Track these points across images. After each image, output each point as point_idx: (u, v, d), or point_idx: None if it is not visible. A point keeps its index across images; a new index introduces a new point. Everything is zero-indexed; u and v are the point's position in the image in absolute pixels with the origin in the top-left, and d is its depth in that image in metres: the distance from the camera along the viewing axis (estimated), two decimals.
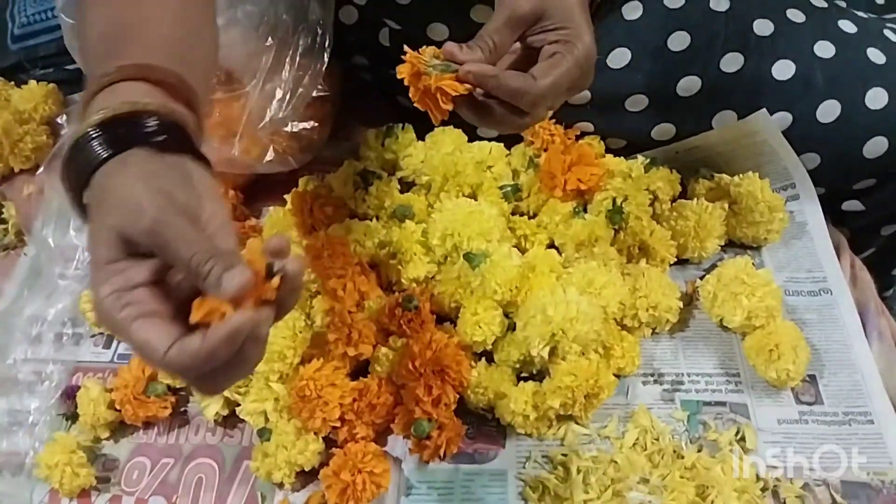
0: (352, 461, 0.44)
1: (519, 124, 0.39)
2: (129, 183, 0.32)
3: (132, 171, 0.32)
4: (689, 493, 0.40)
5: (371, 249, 0.52)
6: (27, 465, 0.48)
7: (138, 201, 0.31)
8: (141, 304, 0.31)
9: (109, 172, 0.32)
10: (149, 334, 0.30)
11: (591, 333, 0.45)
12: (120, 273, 0.31)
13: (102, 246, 0.31)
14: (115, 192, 0.32)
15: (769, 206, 0.52)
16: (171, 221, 0.31)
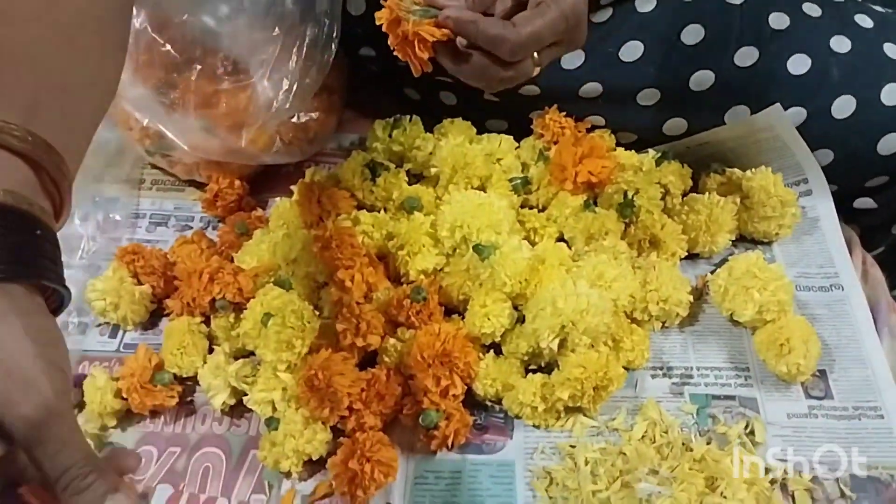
0: (360, 450, 0.44)
1: (501, 77, 0.38)
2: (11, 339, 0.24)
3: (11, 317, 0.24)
4: (699, 485, 0.40)
5: (379, 241, 0.51)
6: None
7: (29, 375, 0.24)
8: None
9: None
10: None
11: (601, 326, 0.45)
12: None
13: None
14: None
15: (781, 201, 0.52)
16: (65, 413, 0.25)
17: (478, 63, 0.38)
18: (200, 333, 0.50)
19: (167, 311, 0.53)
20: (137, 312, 0.52)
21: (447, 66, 0.39)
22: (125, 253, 0.53)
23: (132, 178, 0.60)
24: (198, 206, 0.59)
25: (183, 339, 0.49)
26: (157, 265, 0.53)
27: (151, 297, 0.53)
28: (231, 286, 0.49)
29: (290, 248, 0.51)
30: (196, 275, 0.49)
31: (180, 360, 0.49)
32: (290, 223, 0.53)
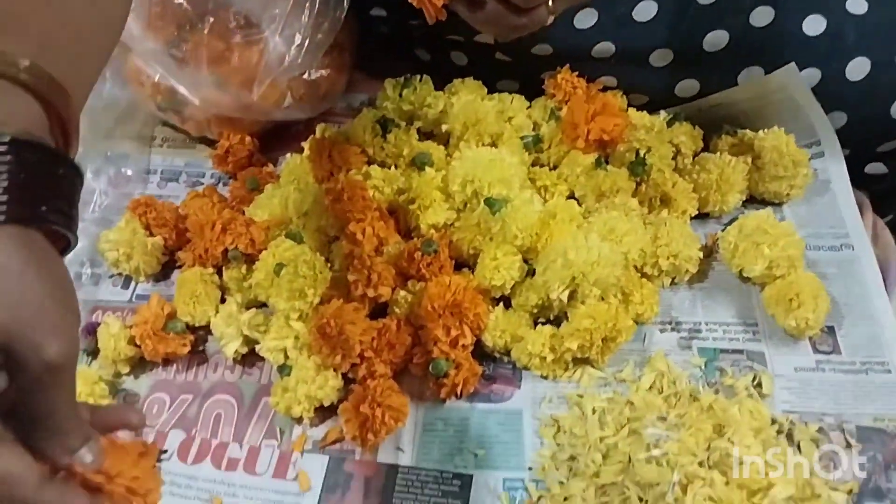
0: (371, 395, 0.45)
1: (515, 25, 0.38)
2: (27, 273, 0.24)
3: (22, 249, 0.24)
4: (706, 430, 0.40)
5: (389, 196, 0.52)
6: None
7: (52, 313, 0.24)
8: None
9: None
10: (9, 461, 0.24)
11: (612, 278, 0.45)
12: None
13: None
14: (4, 277, 0.23)
15: (793, 161, 0.51)
16: (74, 356, 0.25)
17: (492, 10, 0.38)
18: (213, 284, 0.51)
19: (179, 263, 0.54)
20: (149, 264, 0.53)
21: (461, 13, 0.39)
22: (138, 205, 0.53)
23: (143, 135, 0.60)
24: (209, 163, 0.59)
25: (195, 288, 0.50)
26: (169, 217, 0.53)
27: (163, 250, 0.54)
28: (243, 237, 0.49)
29: (302, 202, 0.51)
30: (209, 226, 0.50)
31: (193, 309, 0.50)
32: (301, 178, 0.53)
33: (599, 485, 0.41)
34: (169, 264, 0.55)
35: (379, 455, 0.46)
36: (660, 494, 0.39)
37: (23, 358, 0.24)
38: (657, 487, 0.39)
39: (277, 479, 0.46)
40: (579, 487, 0.42)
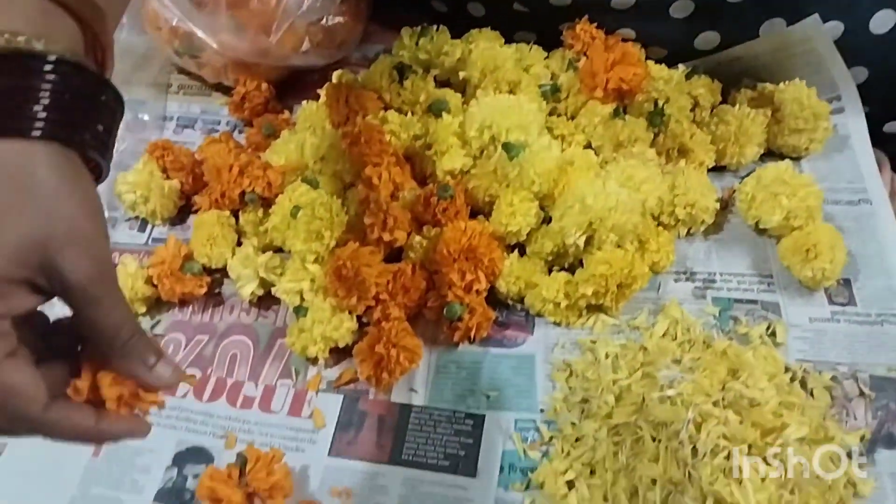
0: (386, 336, 0.45)
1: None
2: (63, 190, 0.24)
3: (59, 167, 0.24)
4: (721, 373, 0.40)
5: (406, 141, 0.52)
6: None
7: (87, 230, 0.24)
8: (8, 339, 0.24)
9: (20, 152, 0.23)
10: (23, 379, 0.24)
11: (629, 224, 0.45)
12: (2, 297, 0.24)
13: (4, 253, 0.23)
14: (42, 191, 0.24)
15: (814, 113, 0.51)
16: (115, 277, 0.26)
17: None
18: (230, 226, 0.51)
19: (195, 207, 0.54)
20: (166, 207, 0.53)
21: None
22: (155, 148, 0.53)
23: (159, 82, 0.60)
24: (224, 111, 0.59)
25: (212, 230, 0.50)
26: (186, 162, 0.53)
27: (179, 194, 0.54)
28: (261, 180, 0.50)
29: (318, 147, 0.51)
30: (226, 168, 0.50)
31: (210, 250, 0.50)
32: (318, 124, 0.53)
33: (612, 425, 0.42)
34: (185, 209, 0.55)
35: (392, 395, 0.47)
36: (673, 433, 0.39)
37: (61, 273, 0.24)
38: (671, 427, 0.39)
39: (292, 417, 0.47)
40: (591, 428, 0.42)
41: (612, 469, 0.41)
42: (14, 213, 0.23)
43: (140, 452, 0.46)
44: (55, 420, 0.24)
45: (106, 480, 0.45)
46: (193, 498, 0.44)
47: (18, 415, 0.24)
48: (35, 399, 0.24)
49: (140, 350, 0.26)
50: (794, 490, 0.38)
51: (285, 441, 0.45)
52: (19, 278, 0.24)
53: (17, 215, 0.23)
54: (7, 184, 0.24)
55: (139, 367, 0.26)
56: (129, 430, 0.26)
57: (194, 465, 0.46)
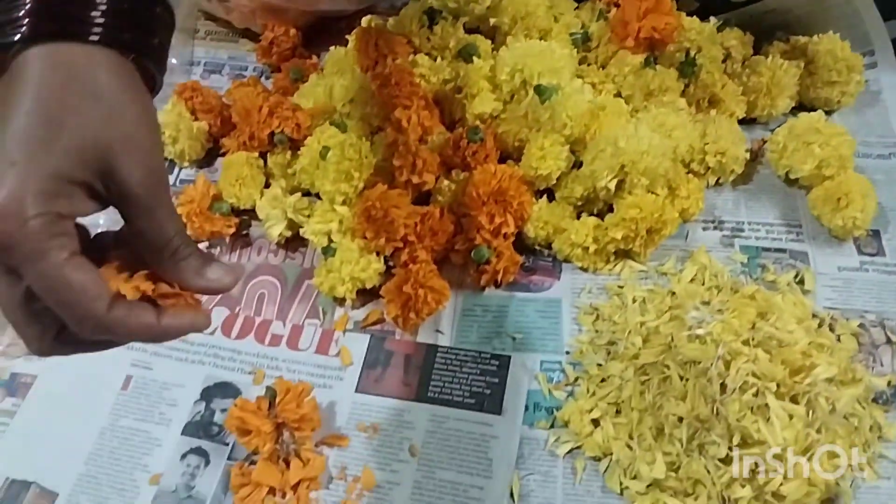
0: (413, 277, 0.45)
1: None
2: (125, 97, 0.24)
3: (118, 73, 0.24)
4: (750, 315, 0.40)
5: (436, 85, 0.51)
6: None
7: (146, 137, 0.24)
8: (72, 239, 0.24)
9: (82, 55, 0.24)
10: (89, 277, 0.24)
11: (661, 169, 0.45)
12: (65, 197, 0.23)
13: (68, 152, 0.23)
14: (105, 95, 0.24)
15: (848, 66, 0.51)
16: (167, 182, 0.26)
17: None
18: (258, 168, 0.51)
19: (223, 150, 0.54)
20: (194, 148, 0.53)
21: None
22: (184, 89, 0.53)
23: (186, 27, 0.60)
24: (251, 57, 0.59)
25: (241, 170, 0.50)
26: (215, 104, 0.53)
27: (207, 136, 0.54)
28: (290, 120, 0.50)
29: (347, 90, 0.51)
30: (256, 109, 0.50)
31: (238, 190, 0.50)
32: (346, 68, 0.53)
33: (639, 365, 0.42)
34: (212, 152, 0.55)
35: (419, 336, 0.47)
36: (701, 371, 0.39)
37: (120, 179, 0.24)
38: (699, 365, 0.39)
39: (320, 355, 0.47)
40: (618, 368, 0.43)
41: (638, 408, 0.41)
42: (78, 115, 0.23)
43: (168, 387, 0.47)
44: (120, 318, 0.24)
45: (135, 413, 0.46)
46: (221, 431, 0.45)
47: (85, 314, 0.24)
48: (100, 297, 0.24)
49: (190, 258, 0.26)
50: (821, 429, 0.38)
51: (313, 378, 0.46)
52: (80, 180, 0.24)
53: (80, 117, 0.23)
54: (71, 85, 0.24)
55: (191, 276, 0.26)
56: (190, 322, 0.26)
57: (222, 400, 0.46)
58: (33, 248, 0.22)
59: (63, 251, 0.23)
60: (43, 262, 0.23)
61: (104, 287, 0.24)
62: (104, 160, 0.24)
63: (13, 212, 0.22)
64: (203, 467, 0.44)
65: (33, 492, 0.43)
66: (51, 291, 0.23)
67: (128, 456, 0.44)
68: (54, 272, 0.23)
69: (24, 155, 0.23)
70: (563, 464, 0.41)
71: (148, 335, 0.25)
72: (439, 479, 0.41)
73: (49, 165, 0.23)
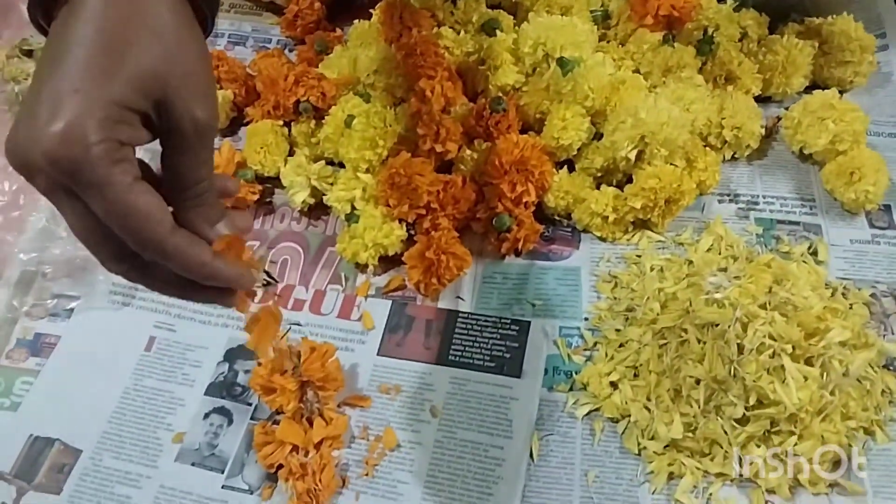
0: (436, 244, 0.46)
1: None
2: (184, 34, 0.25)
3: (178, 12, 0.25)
4: (766, 280, 0.41)
5: (459, 57, 0.52)
6: None
7: (203, 78, 0.25)
8: (134, 167, 0.24)
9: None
10: (153, 201, 0.24)
11: (679, 140, 0.46)
12: (126, 124, 0.24)
13: (129, 81, 0.23)
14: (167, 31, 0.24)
15: (861, 46, 0.52)
16: (216, 124, 0.26)
17: None
18: (283, 136, 0.52)
19: (247, 119, 0.55)
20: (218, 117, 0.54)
21: None
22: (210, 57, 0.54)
23: None
24: (275, 29, 0.60)
25: (266, 138, 0.51)
26: (240, 73, 0.54)
27: (232, 104, 0.55)
28: (315, 89, 0.51)
29: (371, 61, 0.52)
30: (281, 78, 0.51)
31: (263, 158, 0.51)
32: (371, 40, 0.54)
33: (657, 330, 0.43)
34: (236, 121, 0.56)
35: (440, 302, 0.48)
36: (719, 333, 0.40)
37: (176, 115, 0.24)
38: (716, 328, 0.40)
39: (342, 319, 0.48)
40: (636, 333, 0.44)
41: (656, 371, 0.42)
42: (141, 46, 0.24)
43: (192, 348, 0.48)
44: (180, 245, 0.25)
45: (159, 373, 0.47)
46: (244, 391, 0.46)
47: (148, 235, 0.24)
48: (163, 221, 0.24)
49: (211, 206, 0.27)
50: (835, 391, 0.39)
51: (335, 341, 0.47)
52: (140, 109, 0.24)
53: (143, 48, 0.24)
54: (133, 18, 0.24)
55: (203, 223, 0.26)
56: (238, 275, 0.27)
57: (245, 361, 0.47)
58: (98, 173, 0.23)
59: (127, 175, 0.23)
60: (108, 187, 0.23)
61: (167, 211, 0.25)
62: (163, 92, 0.24)
63: (78, 137, 0.22)
64: (226, 426, 0.45)
65: (57, 448, 0.44)
66: (117, 216, 0.24)
67: (151, 415, 0.45)
68: (120, 196, 0.23)
69: (86, 82, 0.23)
70: (581, 425, 0.42)
71: (199, 271, 0.26)
72: (460, 438, 0.42)
73: (111, 93, 0.23)
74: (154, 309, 0.49)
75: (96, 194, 0.23)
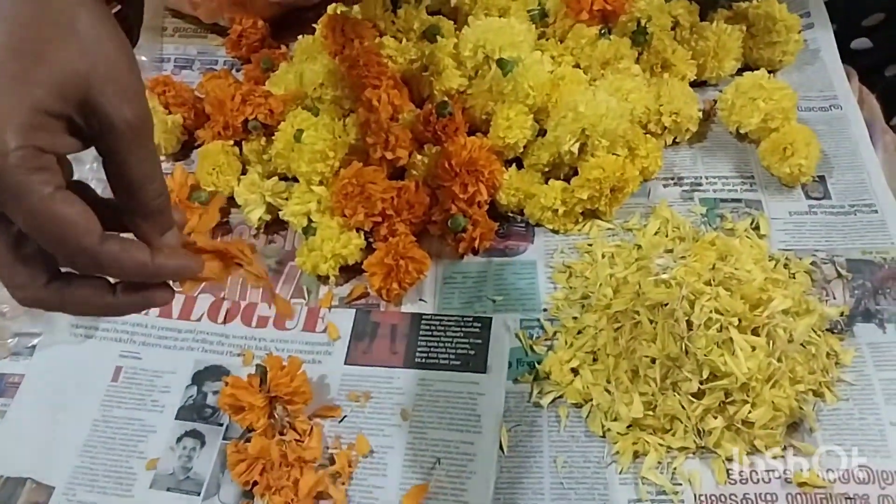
0: (394, 250, 0.47)
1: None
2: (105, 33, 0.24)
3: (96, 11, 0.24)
4: (711, 258, 0.43)
5: (403, 65, 0.53)
6: None
7: (128, 75, 0.24)
8: (56, 175, 0.23)
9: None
10: (77, 210, 0.23)
11: (619, 130, 0.47)
12: (45, 130, 0.23)
13: (46, 84, 0.22)
14: (85, 29, 0.23)
15: (786, 26, 0.54)
16: (151, 122, 0.25)
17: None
18: (234, 155, 0.52)
19: (198, 141, 0.55)
20: (169, 141, 0.54)
21: None
22: (156, 84, 0.54)
23: (154, 25, 0.61)
24: (221, 51, 0.60)
25: (217, 159, 0.51)
26: (188, 97, 0.54)
27: (182, 129, 0.55)
28: (263, 107, 0.51)
29: (317, 75, 0.52)
30: (228, 98, 0.51)
31: (216, 179, 0.51)
32: (315, 54, 0.54)
33: (611, 314, 0.44)
34: (187, 145, 0.56)
35: (403, 306, 0.49)
36: (669, 312, 0.42)
37: (104, 116, 0.23)
38: (666, 307, 0.42)
39: (307, 332, 0.49)
40: (592, 319, 0.45)
41: (613, 354, 0.43)
42: (56, 45, 0.23)
43: (159, 374, 0.48)
44: (114, 252, 0.24)
45: (128, 402, 0.47)
46: (215, 412, 0.46)
47: (77, 246, 0.23)
48: (90, 230, 0.23)
49: (162, 212, 0.25)
50: (782, 358, 0.41)
51: (301, 354, 0.47)
52: (60, 113, 0.23)
53: (59, 48, 0.23)
54: (50, 17, 0.23)
55: (153, 230, 0.25)
56: (183, 265, 0.26)
57: (213, 383, 0.47)
58: (16, 182, 0.22)
59: (47, 185, 0.22)
60: (28, 197, 0.22)
61: (94, 220, 0.23)
62: (84, 93, 0.23)
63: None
64: (199, 448, 0.45)
65: (29, 487, 0.44)
66: (39, 227, 0.22)
67: (122, 445, 0.45)
68: (41, 206, 0.22)
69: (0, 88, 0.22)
70: (547, 413, 0.43)
71: (142, 273, 0.25)
72: (431, 438, 0.43)
73: (26, 98, 0.22)
74: (118, 339, 0.49)
75: (14, 205, 0.22)
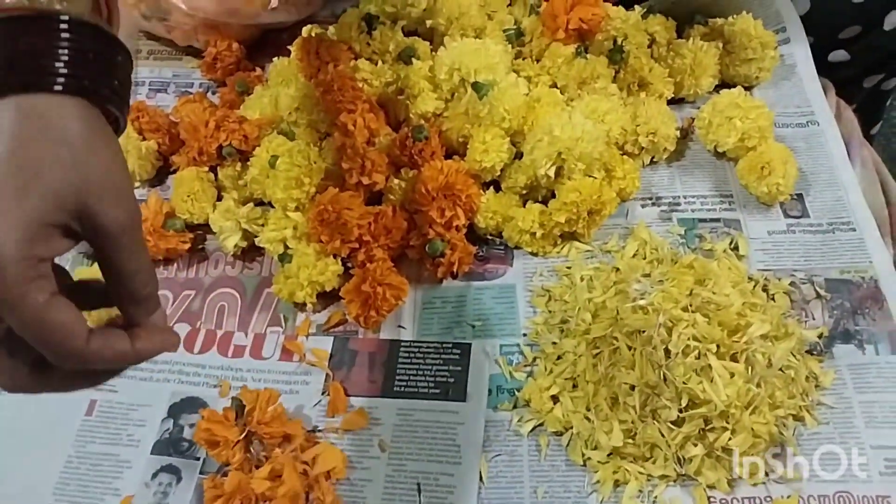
0: (371, 276, 0.46)
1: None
2: (95, 142, 0.25)
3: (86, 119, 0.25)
4: (688, 282, 0.43)
5: (378, 89, 0.53)
6: None
7: (118, 179, 0.26)
8: (50, 281, 0.25)
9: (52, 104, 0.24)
10: (68, 316, 0.24)
11: (595, 153, 0.47)
12: (44, 240, 0.24)
13: (45, 197, 0.24)
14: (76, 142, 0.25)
15: (762, 43, 0.54)
16: (140, 220, 0.27)
17: None
18: (209, 182, 0.52)
19: (173, 167, 0.54)
20: (144, 168, 0.53)
21: None
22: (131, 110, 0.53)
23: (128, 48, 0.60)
24: (196, 73, 0.60)
25: (192, 186, 0.51)
26: (162, 122, 0.54)
27: (157, 154, 0.54)
28: (237, 133, 0.50)
29: (292, 99, 0.52)
30: (202, 124, 0.50)
31: (191, 206, 0.51)
32: (291, 77, 0.54)
33: (590, 340, 0.44)
34: (162, 170, 0.55)
35: (381, 333, 0.48)
36: (647, 339, 0.41)
37: (97, 219, 0.25)
38: (643, 334, 0.42)
39: (284, 362, 0.48)
40: (571, 345, 0.45)
41: (593, 380, 0.43)
42: (53, 162, 0.24)
43: (134, 407, 0.47)
44: (98, 350, 0.25)
45: (103, 437, 0.46)
46: (191, 446, 0.45)
47: (68, 350, 0.24)
48: (79, 334, 0.25)
49: (152, 303, 0.27)
50: (761, 383, 0.41)
51: (279, 385, 0.47)
52: (58, 222, 0.25)
53: (55, 164, 0.24)
54: (44, 134, 0.25)
55: (140, 313, 0.27)
56: (161, 343, 0.28)
57: (189, 415, 0.47)
58: (14, 294, 0.23)
59: (42, 293, 0.24)
60: (24, 307, 0.23)
61: (84, 324, 0.25)
62: (80, 202, 0.25)
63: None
64: (175, 484, 0.44)
65: None
66: (32, 333, 0.24)
67: (97, 482, 0.44)
68: (35, 314, 0.24)
69: (2, 203, 0.23)
70: (527, 442, 0.43)
71: (124, 361, 0.27)
72: (410, 470, 0.43)
73: (26, 211, 0.24)
74: None
75: (10, 312, 0.24)
